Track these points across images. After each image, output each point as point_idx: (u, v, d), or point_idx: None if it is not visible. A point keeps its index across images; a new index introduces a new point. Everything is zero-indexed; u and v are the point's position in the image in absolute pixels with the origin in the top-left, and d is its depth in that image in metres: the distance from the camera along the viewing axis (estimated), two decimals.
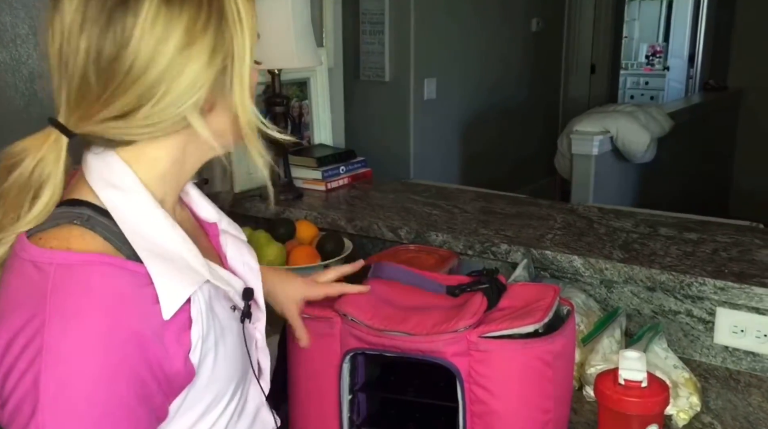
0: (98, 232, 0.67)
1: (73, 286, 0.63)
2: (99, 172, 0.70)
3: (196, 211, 0.85)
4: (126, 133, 0.69)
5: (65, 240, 0.66)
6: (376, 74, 3.75)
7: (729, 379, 1.23)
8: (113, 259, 0.65)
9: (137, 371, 0.64)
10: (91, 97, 0.67)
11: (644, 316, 1.34)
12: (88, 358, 0.61)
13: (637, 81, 7.15)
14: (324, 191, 1.90)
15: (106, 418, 0.62)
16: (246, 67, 0.71)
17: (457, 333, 0.91)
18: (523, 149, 4.67)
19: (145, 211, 0.70)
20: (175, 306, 0.66)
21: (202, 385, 0.71)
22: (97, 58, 0.66)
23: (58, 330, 0.61)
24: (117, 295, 0.64)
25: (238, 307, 0.78)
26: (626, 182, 3.75)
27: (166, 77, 0.66)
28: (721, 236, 1.48)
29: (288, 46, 1.71)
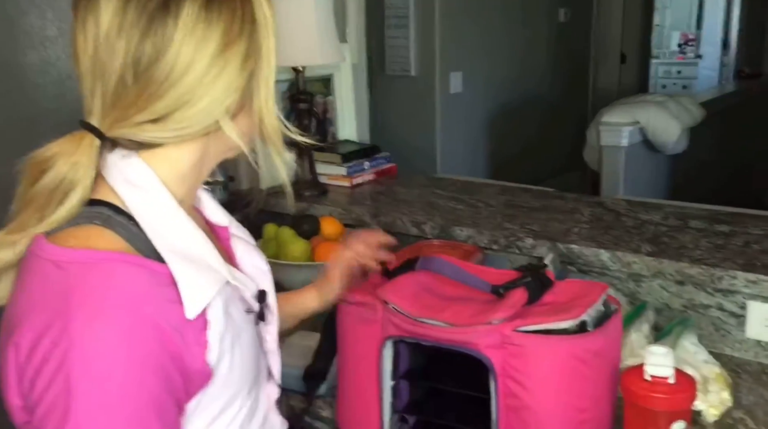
0: (118, 231, 0.67)
1: (94, 284, 0.63)
2: (119, 172, 0.70)
3: (207, 215, 0.85)
4: (159, 136, 0.69)
5: (85, 239, 0.66)
6: (402, 68, 3.74)
7: (761, 374, 1.20)
8: (133, 257, 0.66)
9: (163, 364, 0.64)
10: (127, 100, 0.67)
11: (674, 311, 1.32)
12: (116, 354, 0.62)
13: (668, 70, 7.01)
14: (349, 187, 1.90)
15: (139, 412, 0.63)
16: (273, 71, 0.72)
17: (491, 325, 0.90)
18: (552, 142, 4.61)
19: (166, 212, 0.70)
20: (199, 306, 0.67)
21: (218, 386, 0.71)
22: (136, 61, 0.66)
23: (83, 328, 0.62)
24: (138, 292, 0.64)
25: (253, 309, 0.78)
26: (657, 174, 3.68)
27: (203, 81, 0.67)
28: (753, 228, 1.45)
29: (311, 42, 1.71)
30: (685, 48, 7.04)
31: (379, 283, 1.05)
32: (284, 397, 1.14)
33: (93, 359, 0.61)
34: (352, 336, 1.03)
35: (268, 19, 0.71)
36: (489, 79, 4.08)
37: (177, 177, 0.72)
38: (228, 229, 0.85)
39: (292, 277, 1.49)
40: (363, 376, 1.02)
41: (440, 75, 3.73)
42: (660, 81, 6.92)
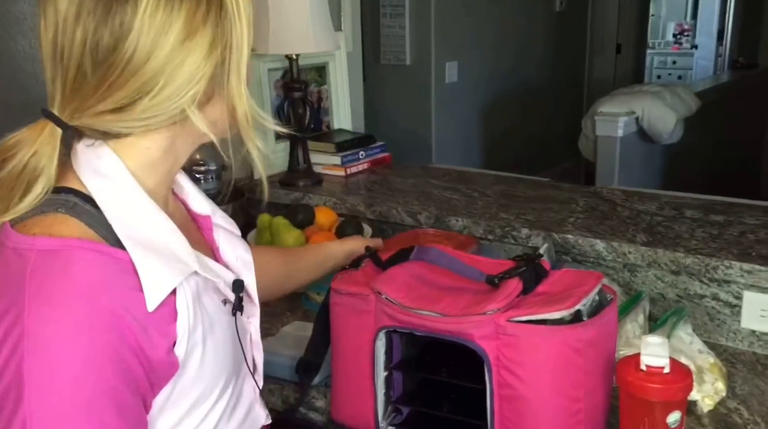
0: (83, 219, 0.66)
1: (52, 271, 0.62)
2: (87, 160, 0.69)
3: (190, 205, 0.84)
4: (122, 126, 0.67)
5: (48, 226, 0.65)
6: (397, 58, 3.73)
7: (756, 364, 1.20)
8: (95, 244, 0.65)
9: (122, 355, 0.63)
10: (87, 89, 0.65)
11: (669, 301, 1.32)
12: (71, 343, 0.61)
13: (664, 60, 7.00)
14: (343, 177, 1.89)
15: (94, 403, 0.62)
16: (244, 59, 0.70)
17: (485, 316, 0.90)
18: (547, 132, 4.61)
19: (131, 200, 0.69)
20: (159, 296, 0.65)
21: (189, 378, 0.70)
22: (94, 49, 0.64)
23: (38, 315, 0.61)
24: (98, 280, 0.63)
25: (229, 300, 0.77)
26: (652, 164, 3.68)
27: (165, 70, 0.65)
28: (749, 218, 1.44)
29: (305, 30, 1.70)
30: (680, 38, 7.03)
31: (372, 273, 1.04)
32: (278, 388, 1.14)
33: (47, 347, 0.60)
34: (345, 327, 1.02)
35: (240, 4, 0.69)
36: (484, 69, 4.07)
37: (146, 166, 0.71)
38: (210, 218, 0.84)
39: None
40: (356, 366, 1.02)
41: (436, 64, 3.72)
42: (655, 71, 6.91)
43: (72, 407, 0.61)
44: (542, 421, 0.91)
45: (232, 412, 0.78)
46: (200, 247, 0.79)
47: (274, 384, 1.14)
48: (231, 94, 0.71)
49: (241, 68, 0.70)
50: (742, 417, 1.05)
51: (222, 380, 0.75)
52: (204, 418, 0.74)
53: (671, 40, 7.08)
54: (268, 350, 0.93)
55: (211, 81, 0.69)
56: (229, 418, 0.78)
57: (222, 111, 0.72)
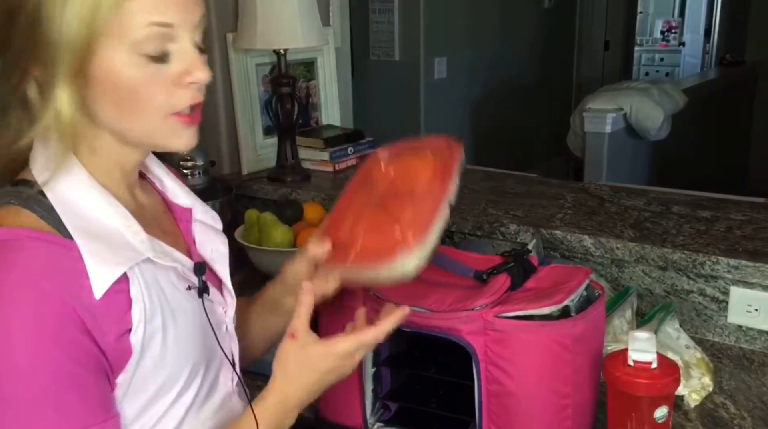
0: (35, 210, 0.66)
1: (6, 261, 0.63)
2: (40, 153, 0.70)
3: (170, 198, 0.84)
4: None
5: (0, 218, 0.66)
6: (386, 54, 3.72)
7: (742, 359, 1.21)
8: (45, 234, 0.65)
9: (71, 338, 0.63)
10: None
11: (656, 296, 1.32)
12: (17, 332, 0.61)
13: (652, 57, 7.03)
14: (332, 172, 1.88)
15: (50, 388, 0.62)
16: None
17: (473, 311, 0.90)
18: (536, 128, 4.62)
19: (79, 189, 0.69)
20: (105, 283, 0.65)
21: (150, 366, 0.69)
22: None
23: None
24: (40, 267, 0.63)
25: (194, 285, 0.76)
26: (640, 160, 3.70)
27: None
28: (735, 214, 1.45)
29: (293, 25, 1.69)
30: (668, 35, 7.06)
31: None
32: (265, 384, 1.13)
33: None
34: (333, 323, 1.02)
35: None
36: (473, 65, 4.07)
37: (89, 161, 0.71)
38: (190, 211, 0.84)
39: (275, 262, 1.47)
40: None
41: (425, 60, 3.71)
42: (643, 68, 6.94)
43: (28, 395, 0.61)
44: (530, 417, 0.91)
45: (204, 403, 0.77)
46: (173, 238, 0.79)
47: (261, 381, 1.13)
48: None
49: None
50: (728, 412, 1.05)
51: (187, 368, 0.74)
52: (171, 405, 0.73)
53: (659, 37, 7.11)
54: None
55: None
56: (200, 408, 0.77)
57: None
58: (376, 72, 3.74)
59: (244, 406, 0.84)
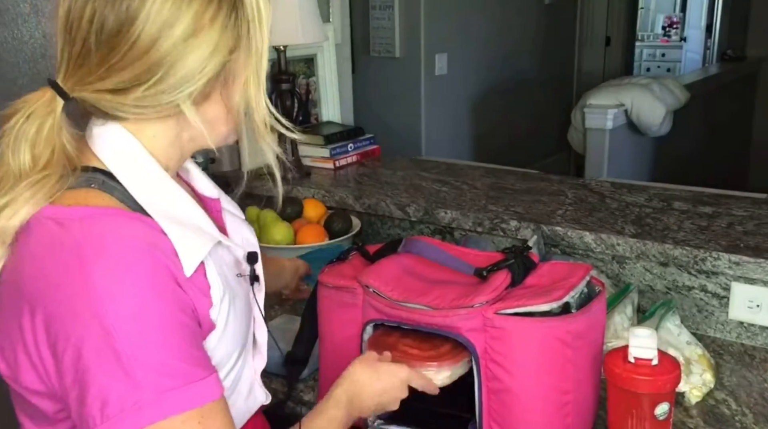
0: (114, 194, 0.69)
1: (104, 232, 0.65)
2: (106, 141, 0.71)
3: (197, 188, 0.86)
4: (118, 108, 0.70)
5: (83, 199, 0.68)
6: (386, 50, 3.71)
7: (744, 355, 1.21)
8: (132, 213, 0.68)
9: (183, 300, 0.67)
10: (89, 66, 0.68)
11: (657, 292, 1.32)
12: (144, 294, 0.64)
13: (653, 53, 7.02)
14: (332, 169, 1.88)
15: (180, 342, 0.65)
16: (263, 65, 0.71)
17: (473, 309, 0.90)
18: (537, 124, 4.61)
19: (154, 177, 0.72)
20: (195, 261, 0.69)
21: (213, 344, 0.73)
22: (101, 28, 0.67)
23: (104, 274, 0.63)
24: (146, 240, 0.66)
25: (243, 273, 0.80)
26: (641, 156, 3.69)
27: (164, 63, 0.67)
28: (737, 209, 1.45)
29: (293, 21, 1.68)
30: (669, 31, 7.05)
31: (360, 266, 1.03)
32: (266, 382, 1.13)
33: (122, 302, 0.62)
34: (333, 320, 1.02)
35: (261, 10, 0.70)
36: (474, 62, 4.06)
37: (157, 149, 0.73)
38: (219, 201, 0.86)
39: None
40: (344, 360, 1.00)
41: (425, 56, 3.70)
42: (644, 64, 6.92)
43: (165, 350, 0.64)
44: (531, 414, 0.90)
45: (234, 389, 0.80)
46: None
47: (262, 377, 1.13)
48: (247, 97, 0.71)
49: (260, 74, 0.71)
50: (730, 408, 1.05)
51: (237, 351, 0.78)
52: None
53: (660, 33, 7.10)
54: None
55: (211, 82, 0.70)
56: (230, 395, 0.79)
57: (219, 112, 0.73)
58: (377, 68, 3.73)
59: (265, 395, 0.88)
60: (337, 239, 1.47)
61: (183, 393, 0.63)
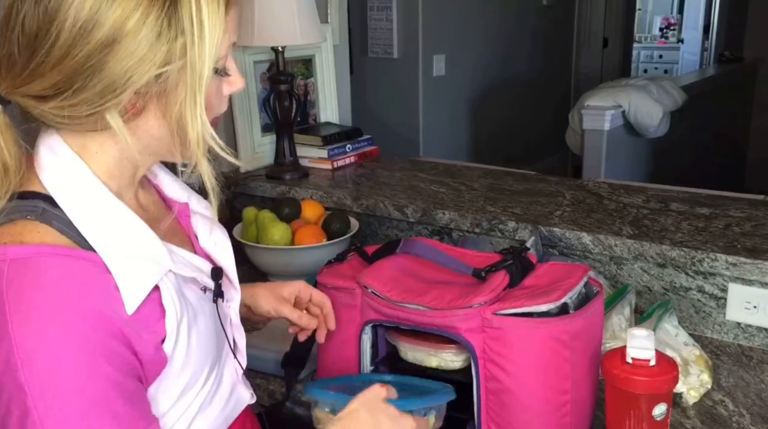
0: (53, 225, 0.65)
1: (28, 279, 0.61)
2: (50, 162, 0.68)
3: (165, 192, 0.83)
4: (43, 116, 0.66)
5: (18, 235, 0.64)
6: (385, 51, 3.71)
7: (741, 356, 1.21)
8: (67, 249, 0.63)
9: (113, 349, 0.63)
10: (16, 69, 0.64)
11: (655, 293, 1.32)
12: (62, 349, 0.60)
13: (650, 54, 7.03)
14: (330, 170, 1.88)
15: (100, 399, 0.62)
16: (202, 80, 0.65)
17: (471, 309, 0.90)
18: (535, 125, 4.62)
19: (98, 203, 0.68)
20: (137, 299, 0.64)
21: (176, 369, 0.70)
22: (22, 30, 0.63)
23: (22, 328, 0.60)
24: (75, 285, 0.62)
25: (209, 288, 0.77)
26: (639, 157, 3.70)
27: (83, 72, 0.62)
28: (734, 211, 1.45)
29: (291, 22, 1.68)
30: (666, 32, 7.06)
31: (358, 267, 1.03)
32: (264, 382, 1.13)
33: (37, 358, 0.60)
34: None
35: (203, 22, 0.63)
36: (472, 63, 4.06)
37: (105, 169, 0.70)
38: (188, 205, 0.83)
39: (273, 260, 1.47)
40: (343, 360, 1.01)
41: (423, 58, 3.71)
42: (642, 65, 6.94)
43: (81, 408, 0.61)
44: (529, 414, 0.91)
45: (214, 395, 0.78)
46: (176, 235, 0.78)
47: (260, 378, 1.14)
48: (181, 113, 0.66)
49: (196, 89, 0.65)
50: (727, 409, 1.05)
51: (206, 367, 0.75)
52: (190, 404, 0.74)
53: (658, 34, 7.11)
54: (254, 345, 0.92)
55: (142, 93, 0.65)
56: (211, 401, 0.78)
57: (162, 128, 0.68)
58: (375, 69, 3.73)
59: (250, 395, 0.86)
60: (335, 240, 1.47)
61: None
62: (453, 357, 0.95)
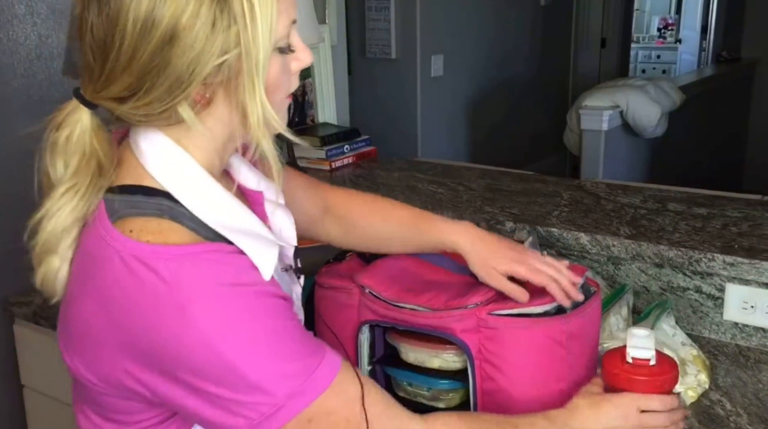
0: (185, 224, 0.69)
1: (191, 273, 0.66)
2: (155, 156, 0.71)
3: (240, 181, 0.84)
4: (126, 116, 0.70)
5: (160, 234, 0.67)
6: (382, 51, 3.71)
7: (738, 356, 1.21)
8: (206, 245, 0.68)
9: (275, 305, 0.69)
10: (94, 75, 0.68)
11: (652, 293, 1.32)
12: (247, 319, 0.66)
13: (648, 54, 7.04)
14: (328, 171, 1.88)
15: (284, 345, 0.68)
16: (259, 64, 0.67)
17: (467, 309, 0.90)
18: (533, 125, 4.62)
19: (211, 193, 0.72)
20: (270, 268, 0.70)
21: None
22: (92, 37, 0.67)
23: (204, 313, 0.65)
24: (232, 268, 0.68)
25: (291, 267, 0.82)
26: (637, 157, 3.70)
27: (150, 71, 0.65)
28: (732, 211, 1.45)
29: None
30: (664, 33, 7.07)
31: (356, 267, 1.03)
32: None
33: (231, 336, 0.65)
34: (329, 321, 1.02)
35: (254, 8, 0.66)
36: (470, 63, 4.06)
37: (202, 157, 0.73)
38: (263, 194, 0.85)
39: None
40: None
41: (421, 58, 3.70)
42: (640, 65, 6.94)
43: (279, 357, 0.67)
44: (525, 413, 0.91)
45: None
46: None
47: None
48: (242, 99, 0.68)
49: (254, 74, 0.67)
50: (724, 409, 1.05)
51: None
52: None
53: (655, 35, 7.12)
54: None
55: (209, 84, 0.68)
56: None
57: (233, 114, 0.71)
58: (373, 70, 3.73)
59: None
60: None
61: (310, 384, 0.68)
62: (454, 357, 0.95)
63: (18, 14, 1.48)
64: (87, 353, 0.70)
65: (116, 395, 0.71)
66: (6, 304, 1.49)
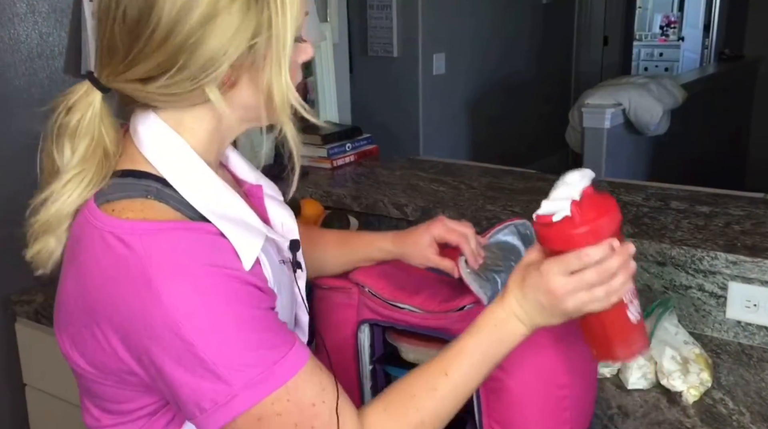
0: (170, 203, 0.70)
1: (164, 248, 0.66)
2: (150, 140, 0.72)
3: (237, 174, 0.86)
4: (148, 97, 0.71)
5: (140, 211, 0.68)
6: (384, 50, 3.71)
7: (741, 355, 1.21)
8: (188, 223, 0.69)
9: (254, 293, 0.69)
10: (118, 56, 0.69)
11: (654, 292, 1.32)
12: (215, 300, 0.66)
13: (651, 52, 7.03)
14: (330, 169, 1.88)
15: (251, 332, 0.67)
16: (286, 48, 0.70)
17: (464, 311, 0.90)
18: (535, 123, 4.61)
19: (202, 177, 0.73)
20: (252, 258, 0.70)
21: None
22: (122, 18, 0.68)
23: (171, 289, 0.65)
24: (207, 247, 0.68)
25: (288, 259, 0.82)
26: (639, 155, 3.70)
27: (185, 49, 0.67)
28: (734, 209, 1.45)
29: None
30: (667, 30, 7.06)
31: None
32: None
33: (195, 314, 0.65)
34: (329, 321, 1.02)
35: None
36: (472, 61, 4.06)
37: (199, 143, 0.74)
38: (261, 188, 0.86)
39: None
40: (341, 360, 1.01)
41: (423, 56, 3.70)
42: (642, 63, 6.94)
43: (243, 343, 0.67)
44: (530, 410, 0.90)
45: None
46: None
47: None
48: (269, 81, 0.70)
49: (281, 57, 0.70)
50: (727, 407, 1.05)
51: None
52: None
53: (658, 32, 7.11)
54: None
55: (237, 65, 0.70)
56: None
57: (254, 97, 0.73)
58: (375, 68, 3.73)
59: None
60: None
61: (268, 376, 0.67)
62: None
63: (19, 13, 1.48)
64: (74, 333, 0.71)
65: (107, 382, 0.72)
66: (8, 303, 1.50)
